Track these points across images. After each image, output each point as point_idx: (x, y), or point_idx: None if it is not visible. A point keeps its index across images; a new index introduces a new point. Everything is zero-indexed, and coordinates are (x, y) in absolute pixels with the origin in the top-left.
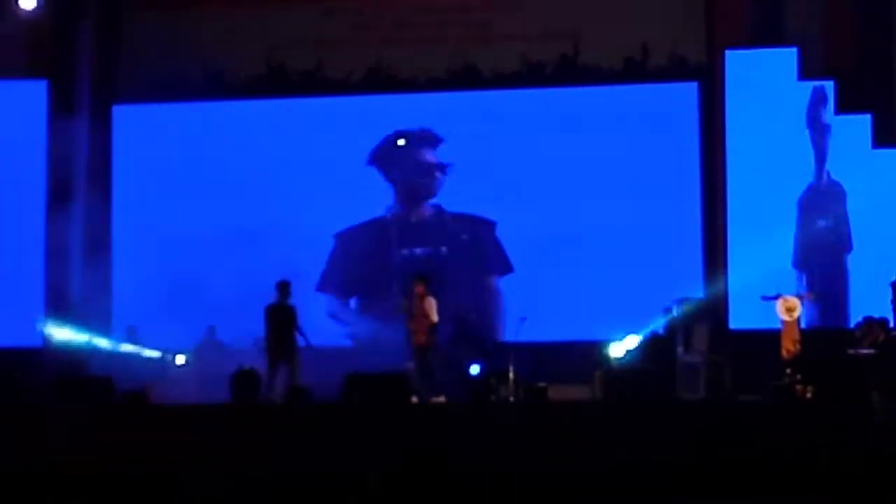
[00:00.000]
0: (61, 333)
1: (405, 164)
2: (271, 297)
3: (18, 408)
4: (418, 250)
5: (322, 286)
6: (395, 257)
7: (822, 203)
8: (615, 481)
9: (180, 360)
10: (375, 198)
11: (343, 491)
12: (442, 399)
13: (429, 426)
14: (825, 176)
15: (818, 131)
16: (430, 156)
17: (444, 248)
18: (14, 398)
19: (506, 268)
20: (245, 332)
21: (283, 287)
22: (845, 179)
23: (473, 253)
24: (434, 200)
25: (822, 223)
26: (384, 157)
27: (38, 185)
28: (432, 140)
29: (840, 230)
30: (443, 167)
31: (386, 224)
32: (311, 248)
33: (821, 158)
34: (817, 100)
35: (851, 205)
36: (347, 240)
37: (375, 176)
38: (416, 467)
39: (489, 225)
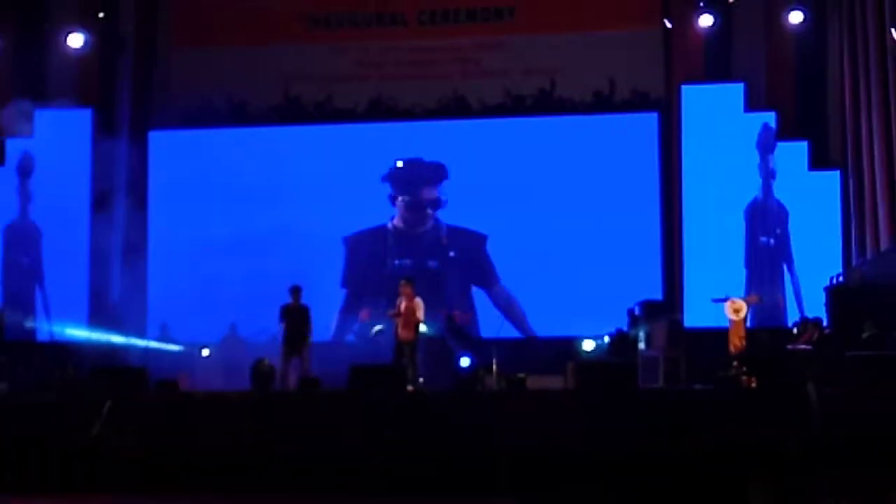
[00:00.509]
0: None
1: (410, 190)
2: (286, 297)
3: (65, 395)
4: (410, 261)
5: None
6: (391, 265)
7: (766, 218)
8: (585, 458)
9: (206, 352)
10: (378, 211)
11: (347, 468)
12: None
13: (425, 411)
14: (771, 195)
15: (765, 157)
16: (428, 192)
17: (432, 262)
18: (61, 387)
19: (493, 279)
20: (262, 328)
21: (296, 291)
22: (785, 198)
23: (466, 264)
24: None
25: (766, 236)
26: (396, 177)
27: (83, 199)
28: (439, 176)
29: (781, 242)
30: (437, 203)
31: (386, 233)
32: (320, 253)
33: (767, 180)
34: (765, 130)
35: (790, 220)
36: (352, 244)
37: (379, 192)
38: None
39: (481, 238)
